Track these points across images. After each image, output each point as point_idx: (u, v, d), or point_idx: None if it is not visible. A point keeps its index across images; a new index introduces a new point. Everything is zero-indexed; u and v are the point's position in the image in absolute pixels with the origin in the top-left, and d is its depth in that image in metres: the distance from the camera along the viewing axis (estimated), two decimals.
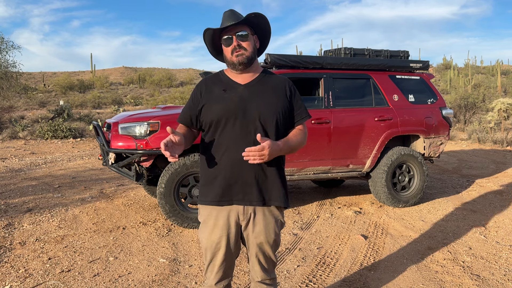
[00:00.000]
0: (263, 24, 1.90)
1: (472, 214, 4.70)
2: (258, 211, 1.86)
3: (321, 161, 4.69)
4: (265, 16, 1.85)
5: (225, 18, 1.84)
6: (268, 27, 1.92)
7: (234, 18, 1.82)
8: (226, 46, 1.85)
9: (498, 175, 6.97)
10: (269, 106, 1.83)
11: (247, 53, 1.83)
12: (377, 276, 3.10)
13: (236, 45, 1.82)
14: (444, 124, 5.29)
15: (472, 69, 38.48)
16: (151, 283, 2.94)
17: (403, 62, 5.27)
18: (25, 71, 25.95)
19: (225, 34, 1.84)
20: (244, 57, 1.83)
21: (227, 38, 1.83)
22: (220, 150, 1.83)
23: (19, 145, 10.76)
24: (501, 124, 13.47)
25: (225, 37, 1.84)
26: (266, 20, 1.88)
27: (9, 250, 3.52)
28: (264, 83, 1.90)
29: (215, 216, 1.86)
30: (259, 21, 1.87)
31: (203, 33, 1.88)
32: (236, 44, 1.82)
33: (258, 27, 1.91)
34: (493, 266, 3.29)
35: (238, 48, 1.82)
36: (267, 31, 1.94)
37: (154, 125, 4.14)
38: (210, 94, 1.88)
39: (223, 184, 1.83)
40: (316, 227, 4.22)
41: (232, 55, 1.84)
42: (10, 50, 14.03)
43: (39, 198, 5.23)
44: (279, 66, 4.70)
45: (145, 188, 5.18)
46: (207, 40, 1.91)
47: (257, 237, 1.87)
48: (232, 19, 1.81)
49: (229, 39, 1.83)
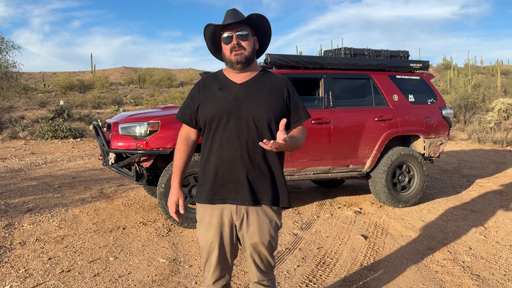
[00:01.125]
0: (264, 26, 1.90)
1: (472, 214, 4.70)
2: (251, 212, 1.85)
3: (321, 161, 4.69)
4: (267, 18, 1.86)
5: (227, 16, 1.85)
6: (269, 30, 1.93)
7: (236, 17, 1.82)
8: (225, 44, 1.85)
9: (498, 175, 6.97)
10: (264, 106, 1.82)
11: (246, 52, 1.84)
12: (377, 276, 3.10)
13: (235, 44, 1.82)
14: (444, 124, 5.29)
15: (472, 69, 38.50)
16: (151, 283, 2.94)
17: (403, 62, 5.27)
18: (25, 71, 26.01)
19: (225, 32, 1.84)
20: (243, 57, 1.83)
21: (227, 36, 1.84)
22: (214, 148, 1.84)
23: (19, 145, 10.76)
24: (501, 124, 13.47)
25: (225, 35, 1.84)
26: (268, 22, 1.89)
27: (9, 250, 3.52)
28: (261, 82, 1.89)
29: (209, 214, 1.87)
30: (260, 22, 1.88)
31: (204, 28, 1.88)
32: (235, 42, 1.82)
33: (259, 29, 1.91)
34: (493, 266, 3.29)
35: (237, 47, 1.82)
36: (268, 34, 1.95)
37: (154, 125, 4.14)
38: (206, 93, 1.89)
39: (216, 183, 1.83)
40: (316, 227, 4.22)
41: (230, 54, 1.84)
42: (10, 50, 14.06)
43: (39, 198, 5.23)
44: (279, 66, 4.70)
45: (145, 188, 5.19)
46: (208, 36, 1.91)
47: (251, 237, 1.86)
48: (234, 17, 1.82)
49: (229, 38, 1.83)
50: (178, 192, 1.91)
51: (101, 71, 48.47)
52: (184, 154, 1.94)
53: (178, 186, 1.92)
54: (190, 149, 1.96)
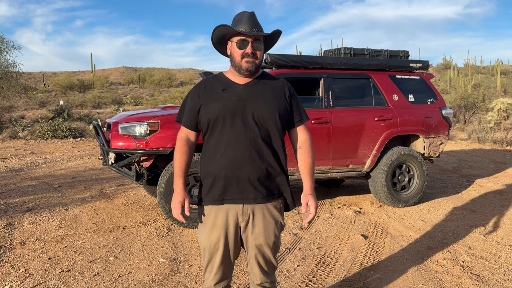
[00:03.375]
0: (275, 38, 1.94)
1: (472, 214, 4.70)
2: (257, 212, 1.85)
3: (321, 161, 4.69)
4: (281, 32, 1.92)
5: (245, 19, 1.82)
6: (276, 41, 1.97)
7: (256, 25, 1.82)
8: (238, 48, 1.83)
9: (498, 175, 6.98)
10: (268, 106, 1.84)
11: (257, 61, 1.85)
12: (377, 276, 3.10)
13: (250, 52, 1.82)
14: (444, 124, 5.29)
15: (472, 69, 38.46)
16: (151, 282, 2.94)
17: (403, 62, 5.27)
18: (25, 71, 25.95)
19: (241, 36, 1.82)
20: (253, 66, 1.84)
21: (243, 40, 1.82)
22: (219, 149, 1.83)
23: (19, 145, 10.76)
24: (501, 124, 13.47)
25: (241, 38, 1.82)
26: (280, 35, 1.93)
27: (9, 250, 3.52)
28: (263, 83, 1.91)
29: (214, 216, 1.86)
30: (275, 36, 1.92)
31: (221, 25, 1.84)
32: (250, 51, 1.82)
33: (269, 40, 1.93)
34: (493, 266, 3.29)
35: (250, 56, 1.82)
36: (273, 43, 1.98)
37: (154, 125, 4.14)
38: (208, 94, 1.88)
39: (222, 184, 1.82)
40: (316, 227, 4.22)
41: (242, 60, 1.83)
42: (10, 50, 14.05)
43: (39, 198, 5.23)
44: (279, 66, 4.70)
45: (145, 188, 5.19)
46: (220, 31, 1.87)
47: (256, 238, 1.86)
48: (254, 24, 1.82)
49: (245, 42, 1.82)
50: (183, 194, 1.89)
51: (101, 70, 48.45)
52: (186, 156, 1.93)
53: (183, 188, 1.90)
54: (191, 150, 1.95)
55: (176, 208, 1.86)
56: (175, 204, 1.87)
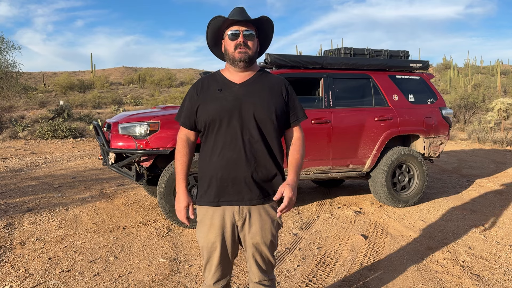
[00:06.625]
0: (268, 30, 1.92)
1: (472, 214, 4.70)
2: (254, 212, 1.85)
3: (321, 161, 4.69)
4: (273, 24, 1.90)
5: (235, 13, 1.84)
6: (271, 34, 1.95)
7: (245, 16, 1.83)
8: (231, 40, 1.84)
9: (498, 175, 6.98)
10: (265, 105, 1.83)
11: (250, 52, 1.84)
12: (377, 275, 3.10)
13: (241, 42, 1.82)
14: (444, 124, 5.29)
15: (472, 69, 38.46)
16: (151, 282, 2.94)
17: (403, 62, 5.27)
18: (25, 71, 25.98)
19: (232, 28, 1.83)
20: (247, 56, 1.83)
21: (234, 32, 1.83)
22: (215, 150, 1.83)
23: (19, 145, 10.76)
24: (501, 124, 13.47)
25: (232, 31, 1.83)
26: (272, 28, 1.92)
27: (9, 250, 3.52)
28: (260, 82, 1.90)
29: (211, 216, 1.86)
30: (266, 26, 1.90)
31: (211, 19, 1.86)
32: (242, 41, 1.82)
33: (262, 32, 1.92)
34: (493, 266, 3.29)
35: (242, 46, 1.82)
36: (269, 38, 1.96)
37: (154, 125, 4.14)
38: (205, 94, 1.88)
39: (218, 184, 1.83)
40: (316, 227, 4.22)
41: (234, 51, 1.83)
42: (10, 50, 14.06)
43: (39, 198, 5.23)
44: (279, 66, 4.70)
45: (145, 188, 5.19)
46: (212, 29, 1.89)
47: (253, 237, 1.86)
48: (244, 16, 1.83)
49: (236, 34, 1.83)
50: (187, 197, 1.89)
51: (101, 71, 48.45)
52: (186, 157, 1.93)
53: (185, 191, 1.90)
54: (191, 151, 1.95)
55: (181, 212, 1.88)
56: (179, 208, 1.89)
